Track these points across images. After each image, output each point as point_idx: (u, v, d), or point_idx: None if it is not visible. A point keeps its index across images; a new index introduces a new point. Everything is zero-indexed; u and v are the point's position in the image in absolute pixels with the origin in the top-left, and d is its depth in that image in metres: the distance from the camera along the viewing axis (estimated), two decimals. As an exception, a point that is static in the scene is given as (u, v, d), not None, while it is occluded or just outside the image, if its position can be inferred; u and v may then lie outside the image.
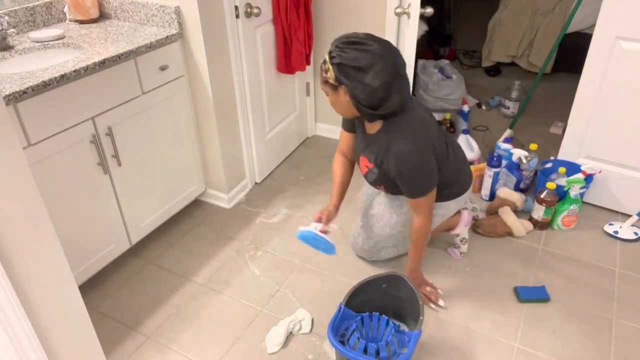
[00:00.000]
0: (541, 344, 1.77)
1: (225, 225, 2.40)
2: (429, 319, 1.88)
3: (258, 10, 2.25)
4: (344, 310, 1.62)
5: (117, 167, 1.95)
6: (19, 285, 1.04)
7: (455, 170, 1.84)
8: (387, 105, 1.56)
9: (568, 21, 2.60)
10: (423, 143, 1.64)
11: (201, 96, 2.22)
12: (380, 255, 2.10)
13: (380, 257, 2.11)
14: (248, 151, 2.57)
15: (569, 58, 3.65)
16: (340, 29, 2.75)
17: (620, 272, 2.08)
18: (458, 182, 1.88)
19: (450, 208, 1.92)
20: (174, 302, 1.98)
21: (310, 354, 1.76)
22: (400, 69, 1.55)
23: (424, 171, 1.67)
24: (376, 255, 2.10)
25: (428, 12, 2.15)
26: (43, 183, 1.68)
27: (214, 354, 1.77)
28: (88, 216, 1.88)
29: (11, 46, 1.93)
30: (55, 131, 1.67)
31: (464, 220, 2.09)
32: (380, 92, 1.52)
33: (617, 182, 2.35)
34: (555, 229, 2.31)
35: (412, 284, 1.70)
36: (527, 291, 1.95)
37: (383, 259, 2.13)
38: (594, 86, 2.21)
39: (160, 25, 2.08)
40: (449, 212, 1.94)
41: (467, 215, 2.10)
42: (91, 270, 1.96)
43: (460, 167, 1.87)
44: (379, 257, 2.11)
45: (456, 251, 2.16)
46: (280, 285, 2.05)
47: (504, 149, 2.55)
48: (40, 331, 1.12)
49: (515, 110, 3.32)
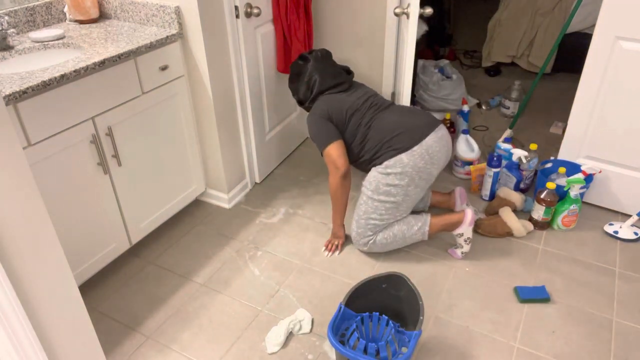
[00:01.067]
0: (541, 344, 1.77)
1: (225, 225, 2.40)
2: (429, 319, 1.88)
3: (258, 10, 2.25)
4: (344, 310, 1.62)
5: (117, 167, 1.95)
6: (19, 285, 1.04)
7: (386, 129, 2.03)
8: (299, 93, 2.25)
9: (568, 21, 2.60)
10: (317, 112, 2.11)
11: (201, 96, 2.22)
12: (377, 240, 2.08)
13: (378, 244, 2.09)
14: (248, 151, 2.57)
15: (569, 58, 3.65)
16: (340, 28, 2.75)
17: (620, 272, 2.08)
18: (399, 137, 2.01)
19: (405, 161, 1.97)
20: (174, 302, 1.98)
21: (310, 354, 1.76)
22: (305, 70, 2.20)
23: (314, 130, 2.11)
24: (372, 238, 2.08)
25: (427, 12, 2.15)
26: (43, 183, 1.68)
27: (214, 354, 1.77)
28: (88, 216, 1.88)
29: (11, 46, 1.93)
30: (55, 131, 1.67)
31: (468, 219, 2.08)
32: (295, 88, 2.29)
33: (617, 182, 2.35)
34: (555, 229, 2.31)
35: (412, 284, 1.70)
36: (527, 291, 1.95)
37: (380, 247, 2.10)
38: (594, 86, 2.21)
39: (160, 25, 2.08)
40: (411, 167, 1.98)
41: (471, 214, 2.09)
42: (91, 270, 1.96)
43: (392, 127, 2.03)
44: (375, 244, 2.09)
45: (457, 251, 2.16)
46: (280, 285, 2.05)
47: (504, 149, 2.55)
48: (40, 331, 1.12)
49: (515, 110, 3.32)
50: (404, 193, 2.01)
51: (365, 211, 2.07)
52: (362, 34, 2.70)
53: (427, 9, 2.15)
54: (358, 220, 2.10)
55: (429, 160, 1.99)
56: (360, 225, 2.09)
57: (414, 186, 2.01)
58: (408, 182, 1.99)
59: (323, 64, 2.19)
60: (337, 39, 2.78)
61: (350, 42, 2.75)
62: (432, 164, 2.01)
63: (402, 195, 2.01)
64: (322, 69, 2.18)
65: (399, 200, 2.02)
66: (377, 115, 2.08)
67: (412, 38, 2.10)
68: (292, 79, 2.28)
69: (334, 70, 2.20)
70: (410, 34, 2.10)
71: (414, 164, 1.97)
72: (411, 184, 2.00)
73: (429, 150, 1.98)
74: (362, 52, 2.75)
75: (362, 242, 2.12)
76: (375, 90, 2.28)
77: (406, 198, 2.03)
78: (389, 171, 1.99)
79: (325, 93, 2.16)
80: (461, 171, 2.70)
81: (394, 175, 1.99)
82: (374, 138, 2.04)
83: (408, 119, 2.05)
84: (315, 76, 2.17)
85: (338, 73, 2.19)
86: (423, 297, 1.97)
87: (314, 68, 2.18)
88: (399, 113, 2.09)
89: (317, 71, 2.17)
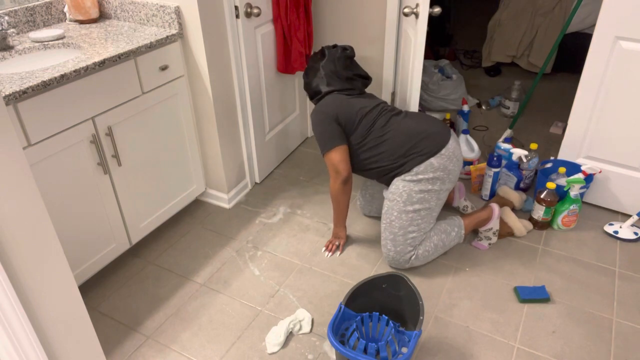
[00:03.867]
0: (541, 344, 1.77)
1: (225, 225, 2.41)
2: (429, 319, 1.88)
3: (258, 10, 2.25)
4: (344, 310, 1.62)
5: (117, 167, 1.95)
6: (19, 285, 1.04)
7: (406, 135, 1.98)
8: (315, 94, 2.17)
9: (568, 21, 2.60)
10: (324, 110, 2.04)
11: (201, 96, 2.22)
12: (419, 255, 2.01)
13: (420, 258, 2.02)
14: (248, 151, 2.57)
15: (569, 58, 3.66)
16: (340, 28, 2.75)
17: (620, 272, 2.08)
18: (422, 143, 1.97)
19: (435, 165, 1.95)
20: (174, 302, 1.98)
21: (310, 354, 1.76)
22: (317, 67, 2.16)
23: (318, 131, 2.04)
24: (414, 253, 2.01)
25: (436, 11, 2.13)
26: (43, 183, 1.68)
27: (214, 354, 1.77)
28: (88, 216, 1.88)
29: (11, 46, 1.93)
30: (55, 131, 1.67)
31: (496, 214, 2.17)
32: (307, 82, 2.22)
33: (617, 182, 2.35)
34: (555, 229, 2.31)
35: (412, 283, 1.70)
36: (527, 291, 1.95)
37: (423, 260, 2.04)
38: (594, 86, 2.21)
39: (160, 25, 2.08)
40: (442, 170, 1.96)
41: (497, 208, 2.18)
42: (91, 270, 1.96)
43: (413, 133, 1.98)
44: (418, 258, 2.02)
45: (484, 243, 2.20)
46: (280, 285, 2.05)
47: (504, 148, 2.55)
48: (40, 331, 1.12)
49: (515, 110, 3.32)
50: (436, 197, 2.00)
51: (400, 226, 1.99)
52: (362, 34, 2.70)
53: (435, 8, 2.13)
54: (394, 238, 2.00)
55: (455, 162, 2.00)
56: (399, 242, 1.99)
57: (445, 189, 2.01)
58: (440, 186, 1.99)
59: (336, 65, 2.13)
60: (337, 39, 2.78)
61: (350, 42, 2.75)
62: (457, 165, 2.02)
63: (435, 199, 2.00)
64: (333, 71, 2.13)
65: (432, 206, 2.00)
66: (392, 119, 2.02)
67: (422, 38, 2.06)
68: (306, 72, 2.23)
69: (347, 74, 2.13)
70: (420, 34, 2.06)
71: (445, 167, 1.97)
72: (442, 187, 2.00)
73: (455, 152, 2.00)
74: (362, 51, 2.75)
75: (403, 261, 2.02)
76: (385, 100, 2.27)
77: (438, 202, 2.02)
78: (420, 177, 1.95)
79: (333, 93, 2.11)
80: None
81: (426, 181, 1.95)
82: (393, 143, 1.97)
83: (426, 125, 2.00)
84: (323, 77, 2.13)
85: (349, 78, 2.13)
86: (423, 297, 1.97)
87: (326, 68, 2.13)
88: (415, 119, 2.03)
89: (327, 72, 2.13)
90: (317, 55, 2.20)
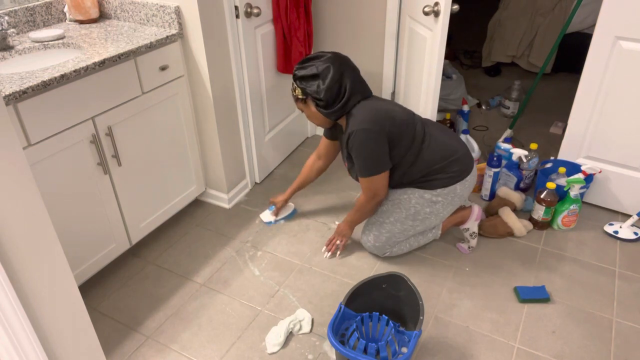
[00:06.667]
0: (541, 344, 1.77)
1: (225, 225, 2.40)
2: (429, 319, 1.88)
3: (258, 10, 2.25)
4: (344, 310, 1.62)
5: (117, 167, 1.95)
6: (19, 285, 1.04)
7: (441, 152, 1.92)
8: (341, 99, 1.86)
9: (568, 21, 2.60)
10: (371, 125, 1.81)
11: (201, 96, 2.22)
12: (393, 251, 2.10)
13: (394, 253, 2.11)
14: (248, 151, 2.57)
15: (569, 58, 3.66)
16: (340, 28, 2.75)
17: (620, 272, 2.08)
18: (454, 164, 1.94)
19: (457, 191, 1.95)
20: (174, 302, 1.98)
21: (310, 354, 1.76)
22: (346, 69, 1.86)
23: (367, 150, 1.84)
24: (389, 250, 2.09)
25: (454, 8, 2.08)
26: (43, 183, 1.68)
27: (214, 354, 1.77)
28: (88, 216, 1.88)
29: (11, 46, 1.93)
30: (55, 131, 1.67)
31: (475, 214, 2.13)
32: (335, 89, 1.84)
33: (617, 182, 2.35)
34: (555, 229, 2.31)
35: (412, 283, 1.70)
36: (527, 291, 1.95)
37: (396, 254, 2.12)
38: (594, 86, 2.21)
39: (160, 25, 2.08)
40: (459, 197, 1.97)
41: (478, 210, 2.14)
42: (91, 270, 1.96)
43: (448, 152, 1.94)
44: (392, 253, 2.11)
45: (464, 245, 2.18)
46: (280, 285, 2.05)
47: (504, 148, 2.55)
48: (40, 331, 1.12)
49: (515, 110, 3.32)
50: (441, 218, 2.03)
51: (389, 230, 2.03)
52: (362, 34, 2.70)
53: (454, 5, 2.08)
54: (379, 237, 2.05)
55: (471, 187, 2.03)
56: (381, 241, 2.06)
57: (449, 211, 2.03)
58: (449, 210, 2.01)
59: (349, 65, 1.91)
60: (337, 38, 2.78)
61: (350, 41, 2.75)
62: (470, 191, 2.05)
63: (439, 219, 2.04)
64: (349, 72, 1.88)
65: (429, 223, 2.04)
66: (426, 135, 1.93)
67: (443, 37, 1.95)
68: (307, 79, 1.88)
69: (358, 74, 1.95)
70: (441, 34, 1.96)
71: (462, 195, 1.98)
72: (450, 210, 2.02)
73: (474, 179, 2.03)
74: (362, 51, 2.74)
75: (377, 252, 2.12)
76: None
77: (436, 221, 2.05)
78: (440, 199, 1.95)
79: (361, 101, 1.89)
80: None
81: (441, 204, 1.97)
82: (427, 159, 1.91)
83: (455, 142, 1.97)
84: (346, 80, 1.85)
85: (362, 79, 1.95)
86: (423, 297, 1.97)
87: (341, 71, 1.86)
88: (444, 133, 1.98)
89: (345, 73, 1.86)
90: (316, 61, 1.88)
